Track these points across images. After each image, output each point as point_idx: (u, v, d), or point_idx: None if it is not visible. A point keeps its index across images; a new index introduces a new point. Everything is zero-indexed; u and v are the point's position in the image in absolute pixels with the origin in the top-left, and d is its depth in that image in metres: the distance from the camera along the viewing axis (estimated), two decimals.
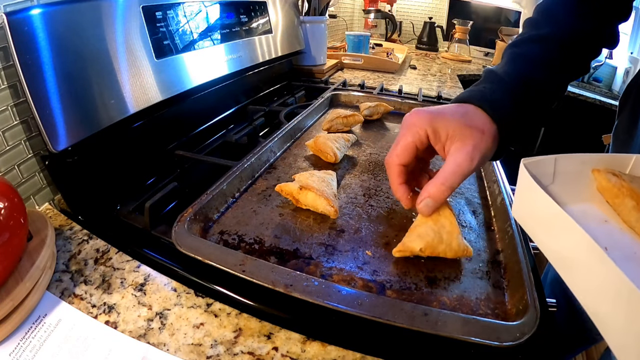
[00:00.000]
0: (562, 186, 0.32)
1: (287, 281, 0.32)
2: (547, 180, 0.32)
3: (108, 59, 0.47)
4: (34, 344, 0.30)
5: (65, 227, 0.44)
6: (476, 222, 0.45)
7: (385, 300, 0.31)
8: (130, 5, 0.50)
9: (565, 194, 0.32)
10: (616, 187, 0.31)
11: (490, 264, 0.38)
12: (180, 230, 0.37)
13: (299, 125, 0.67)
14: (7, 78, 0.41)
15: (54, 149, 0.42)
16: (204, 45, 0.65)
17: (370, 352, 0.30)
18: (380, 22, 1.87)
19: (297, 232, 0.42)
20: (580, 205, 0.32)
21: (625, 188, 0.30)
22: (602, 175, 0.32)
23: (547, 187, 0.32)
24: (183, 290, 0.35)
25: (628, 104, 0.61)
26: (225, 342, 0.31)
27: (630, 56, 1.62)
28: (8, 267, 0.31)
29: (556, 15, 0.39)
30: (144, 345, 0.30)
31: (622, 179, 0.31)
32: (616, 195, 0.31)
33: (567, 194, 0.32)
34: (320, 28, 1.12)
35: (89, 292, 0.35)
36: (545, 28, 0.39)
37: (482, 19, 1.93)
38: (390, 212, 0.46)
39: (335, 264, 0.37)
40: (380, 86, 0.98)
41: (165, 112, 0.58)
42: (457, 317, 0.29)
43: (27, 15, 0.38)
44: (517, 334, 0.28)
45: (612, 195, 0.31)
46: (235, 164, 0.51)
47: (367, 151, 0.62)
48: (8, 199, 0.31)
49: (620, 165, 0.34)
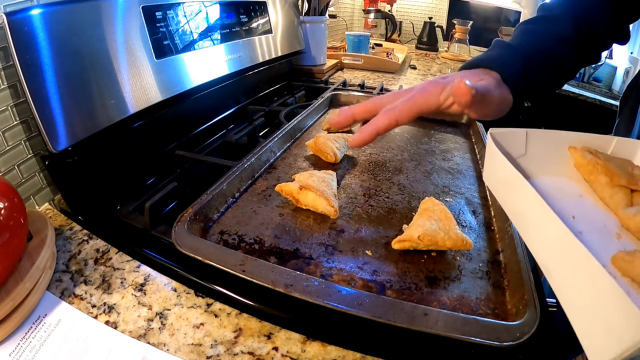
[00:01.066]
0: (536, 159, 0.33)
1: (287, 281, 0.32)
2: (519, 152, 0.33)
3: (108, 59, 0.47)
4: (34, 344, 0.30)
5: (65, 227, 0.44)
6: (476, 222, 0.45)
7: (385, 300, 0.31)
8: (130, 5, 0.50)
9: (539, 166, 0.33)
10: (591, 163, 0.32)
11: (490, 264, 0.38)
12: (180, 230, 0.37)
13: (299, 125, 0.67)
14: (7, 78, 0.41)
15: (54, 149, 0.42)
16: (204, 45, 0.65)
17: (370, 352, 0.30)
18: (380, 22, 1.87)
19: (297, 232, 0.42)
20: (554, 179, 0.33)
21: (599, 165, 0.31)
22: (579, 152, 0.33)
23: (519, 159, 0.33)
24: (183, 290, 0.35)
25: (628, 104, 0.61)
26: (225, 342, 0.31)
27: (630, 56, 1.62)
28: (8, 267, 0.31)
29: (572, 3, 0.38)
30: (144, 345, 0.30)
31: (598, 156, 0.32)
32: (591, 171, 0.32)
33: (541, 166, 0.33)
34: (320, 28, 1.12)
35: (89, 292, 0.35)
36: (560, 9, 0.38)
37: (482, 19, 1.93)
38: (390, 212, 0.46)
39: (335, 264, 0.37)
40: (380, 86, 0.98)
41: (165, 112, 0.58)
42: (457, 317, 0.29)
43: (27, 15, 0.38)
44: (517, 334, 0.28)
45: (587, 172, 0.32)
46: (235, 164, 0.51)
47: (367, 151, 0.62)
48: (8, 199, 0.31)
49: (601, 146, 0.34)
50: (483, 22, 1.92)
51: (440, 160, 0.60)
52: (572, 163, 0.34)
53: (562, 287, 0.24)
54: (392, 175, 0.55)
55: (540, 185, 0.32)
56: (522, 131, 0.33)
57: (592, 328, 0.21)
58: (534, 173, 0.33)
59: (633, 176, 0.30)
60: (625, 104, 0.62)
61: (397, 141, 0.67)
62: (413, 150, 0.63)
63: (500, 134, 0.33)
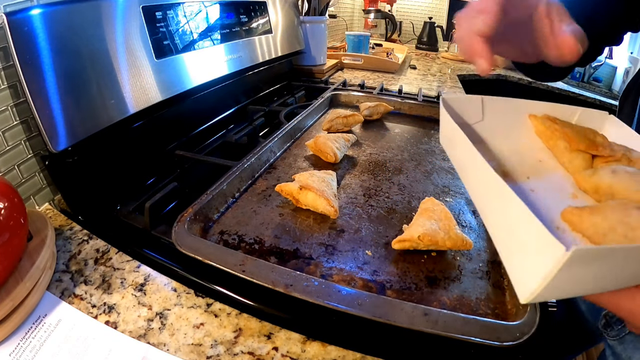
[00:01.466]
0: (495, 126, 0.34)
1: (287, 281, 0.32)
2: (476, 118, 0.34)
3: (108, 59, 0.47)
4: (34, 344, 0.30)
5: (65, 227, 0.44)
6: (476, 222, 0.45)
7: (385, 300, 0.31)
8: (130, 5, 0.50)
9: (497, 132, 0.34)
10: (549, 130, 0.32)
11: (490, 264, 0.38)
12: (180, 230, 0.37)
13: (299, 125, 0.67)
14: (7, 78, 0.41)
15: (54, 149, 0.42)
16: (204, 45, 0.65)
17: (370, 352, 0.30)
18: (380, 22, 1.87)
19: (297, 232, 0.42)
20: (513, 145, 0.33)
21: (557, 131, 0.32)
22: (538, 120, 0.34)
23: (475, 125, 0.34)
24: (183, 290, 0.35)
25: (628, 104, 0.61)
26: (225, 342, 0.31)
27: (630, 56, 1.62)
28: (8, 267, 0.31)
29: None
30: (144, 345, 0.30)
31: (556, 122, 0.33)
32: (550, 137, 0.32)
33: (499, 133, 0.34)
34: (320, 28, 1.12)
35: (89, 292, 0.35)
36: None
37: None
38: (390, 212, 0.46)
39: (335, 264, 0.37)
40: (380, 86, 0.98)
41: (165, 112, 0.58)
42: (457, 317, 0.29)
43: (27, 15, 0.38)
44: (517, 333, 0.28)
45: (547, 138, 0.33)
46: (235, 164, 0.51)
47: (367, 151, 0.62)
48: (8, 199, 0.31)
49: (565, 116, 0.35)
50: None
51: (440, 160, 0.60)
52: (534, 131, 0.34)
53: (492, 225, 0.25)
54: (392, 175, 0.55)
55: (497, 149, 0.32)
56: (478, 98, 0.34)
57: (518, 262, 0.21)
58: (491, 138, 0.34)
59: (594, 142, 0.30)
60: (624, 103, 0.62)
61: (397, 141, 0.67)
62: (413, 150, 0.63)
63: (454, 99, 0.33)
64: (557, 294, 0.20)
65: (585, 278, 0.19)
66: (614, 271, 0.19)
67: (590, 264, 0.17)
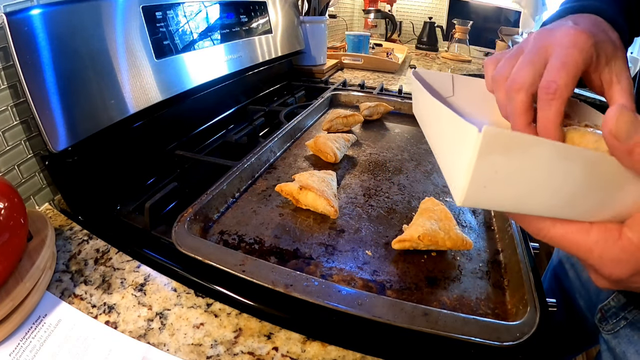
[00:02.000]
0: (463, 102, 0.34)
1: (287, 281, 0.32)
2: (447, 93, 0.34)
3: (108, 59, 0.47)
4: (34, 344, 0.30)
5: (65, 227, 0.44)
6: (476, 222, 0.45)
7: (385, 300, 0.31)
8: (130, 5, 0.50)
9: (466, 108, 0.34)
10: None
11: (490, 264, 0.38)
12: (180, 230, 0.37)
13: (299, 125, 0.67)
14: (7, 78, 0.41)
15: (54, 149, 0.42)
16: (204, 45, 0.65)
17: (370, 352, 0.30)
18: (380, 22, 1.87)
19: (297, 232, 0.42)
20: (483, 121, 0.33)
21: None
22: None
23: (448, 98, 0.34)
24: (183, 290, 0.35)
25: None
26: (225, 342, 0.31)
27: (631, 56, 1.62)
28: (8, 267, 0.31)
29: None
30: (144, 345, 0.30)
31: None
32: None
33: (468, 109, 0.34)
34: (320, 28, 1.12)
35: (89, 292, 0.35)
36: None
37: (482, 19, 1.92)
38: (390, 212, 0.46)
39: (335, 264, 0.37)
40: (380, 86, 0.98)
41: (165, 112, 0.58)
42: (457, 317, 0.29)
43: (27, 15, 0.38)
44: (517, 333, 0.28)
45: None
46: (235, 164, 0.51)
47: (367, 151, 0.62)
48: (8, 199, 0.31)
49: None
50: (483, 22, 1.92)
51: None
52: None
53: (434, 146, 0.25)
54: (392, 175, 0.55)
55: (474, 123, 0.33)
56: (448, 75, 0.34)
57: (450, 165, 0.21)
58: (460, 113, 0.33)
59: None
60: None
61: (397, 141, 0.67)
62: (413, 150, 0.63)
63: (426, 73, 0.34)
64: (489, 197, 0.19)
65: (514, 177, 0.18)
66: (549, 181, 0.18)
67: (511, 154, 0.17)
